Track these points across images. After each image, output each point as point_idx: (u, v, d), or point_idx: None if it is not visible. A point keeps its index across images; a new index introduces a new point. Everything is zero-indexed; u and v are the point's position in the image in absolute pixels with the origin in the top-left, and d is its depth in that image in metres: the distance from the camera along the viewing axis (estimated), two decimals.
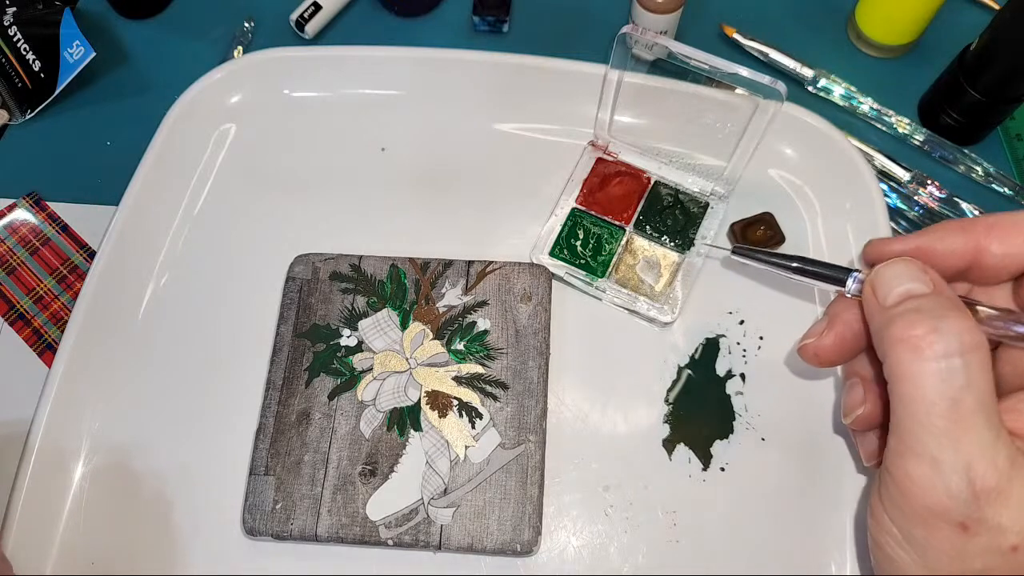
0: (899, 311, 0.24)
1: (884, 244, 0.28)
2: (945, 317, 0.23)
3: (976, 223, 0.26)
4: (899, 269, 0.25)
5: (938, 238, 0.26)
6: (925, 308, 0.24)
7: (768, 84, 0.37)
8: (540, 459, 0.38)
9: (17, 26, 0.52)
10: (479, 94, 0.48)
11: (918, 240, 0.27)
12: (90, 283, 0.42)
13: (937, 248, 0.26)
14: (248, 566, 0.38)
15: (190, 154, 0.48)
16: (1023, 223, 0.25)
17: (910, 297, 0.24)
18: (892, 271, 0.26)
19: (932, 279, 0.25)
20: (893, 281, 0.25)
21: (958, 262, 0.26)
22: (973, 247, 0.26)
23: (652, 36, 0.39)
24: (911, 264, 0.26)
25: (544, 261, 0.44)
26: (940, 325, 0.23)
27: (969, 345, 0.23)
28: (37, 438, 0.39)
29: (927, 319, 0.23)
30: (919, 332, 0.23)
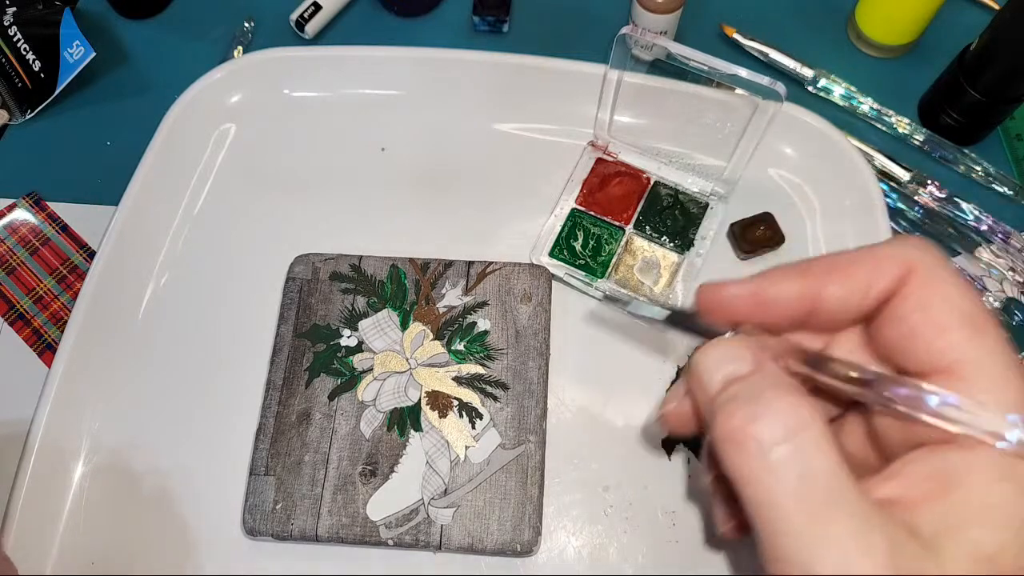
0: (721, 399, 0.22)
1: (717, 290, 0.25)
2: (761, 399, 0.21)
3: (813, 265, 0.23)
4: (717, 353, 0.23)
5: (773, 283, 0.24)
6: (742, 393, 0.21)
7: (767, 85, 0.37)
8: (540, 459, 0.38)
9: (17, 26, 0.52)
10: (479, 94, 0.48)
11: (752, 286, 0.24)
12: (90, 283, 0.42)
13: (771, 294, 0.24)
14: (248, 566, 0.38)
15: (190, 154, 0.48)
16: (862, 261, 0.22)
17: (731, 381, 0.22)
18: (710, 357, 0.23)
19: (753, 354, 0.23)
20: (712, 367, 0.23)
21: (796, 309, 0.24)
22: (811, 292, 0.23)
23: (652, 36, 0.39)
24: (729, 344, 0.23)
25: (544, 261, 0.44)
26: (758, 411, 0.20)
27: (794, 426, 0.20)
28: (37, 438, 0.39)
29: (744, 406, 0.21)
30: (737, 424, 0.20)
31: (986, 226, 0.46)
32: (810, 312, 0.24)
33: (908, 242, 0.22)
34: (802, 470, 0.19)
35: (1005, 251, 0.45)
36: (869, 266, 0.22)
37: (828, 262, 0.23)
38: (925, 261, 0.22)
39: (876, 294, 0.22)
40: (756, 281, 0.24)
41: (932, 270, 0.21)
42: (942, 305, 0.21)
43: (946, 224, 0.47)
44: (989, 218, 0.46)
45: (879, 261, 0.22)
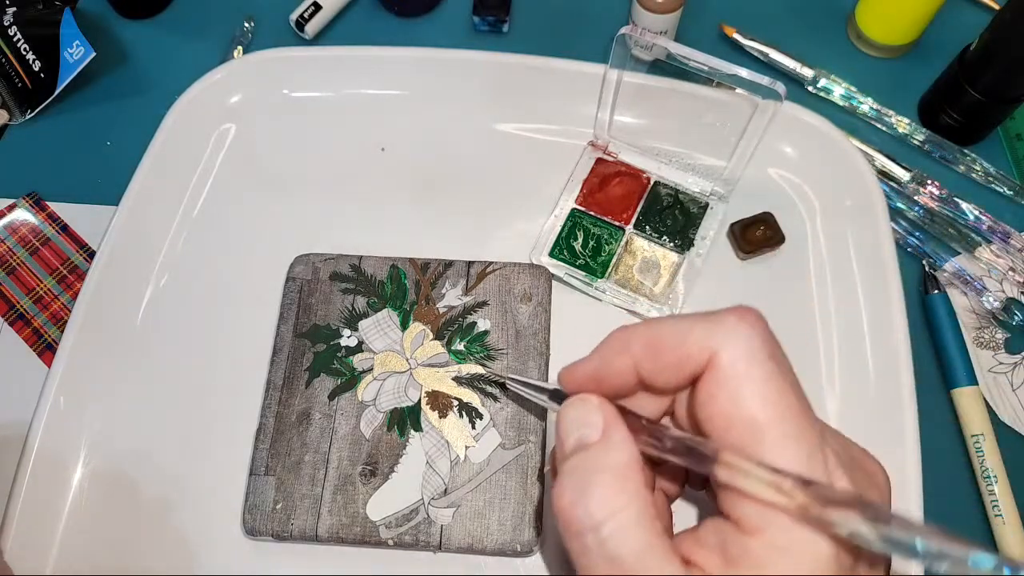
0: (566, 469, 0.23)
1: (570, 372, 0.26)
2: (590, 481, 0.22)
3: (633, 337, 0.24)
4: (573, 414, 0.24)
5: (607, 361, 0.25)
6: (577, 469, 0.23)
7: (767, 85, 0.37)
8: (540, 459, 0.38)
9: (17, 26, 0.52)
10: (479, 94, 0.48)
11: (593, 363, 0.25)
12: (90, 283, 0.42)
13: (605, 372, 0.25)
14: (248, 566, 0.38)
15: (190, 154, 0.48)
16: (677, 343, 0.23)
17: (579, 447, 0.23)
18: (568, 417, 0.24)
19: (604, 420, 0.24)
20: (568, 427, 0.24)
21: (628, 382, 0.25)
22: (633, 367, 0.24)
23: (651, 36, 0.39)
24: (583, 405, 0.24)
25: (544, 262, 0.44)
26: (582, 493, 0.22)
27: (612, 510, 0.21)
28: (37, 438, 0.39)
29: (572, 486, 0.22)
30: (564, 504, 0.22)
31: (986, 226, 0.46)
32: (640, 382, 0.25)
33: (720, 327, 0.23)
34: (611, 554, 0.21)
35: (1005, 251, 0.45)
36: (681, 348, 0.23)
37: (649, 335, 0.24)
38: (727, 350, 0.22)
39: (686, 374, 0.23)
40: (594, 358, 0.26)
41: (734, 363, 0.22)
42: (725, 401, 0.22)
43: (946, 224, 0.47)
44: (989, 218, 0.46)
45: (691, 342, 0.23)
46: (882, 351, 0.40)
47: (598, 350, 0.26)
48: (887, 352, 0.40)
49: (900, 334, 0.39)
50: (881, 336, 0.40)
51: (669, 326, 0.24)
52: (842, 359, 0.41)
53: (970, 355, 0.43)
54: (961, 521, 0.40)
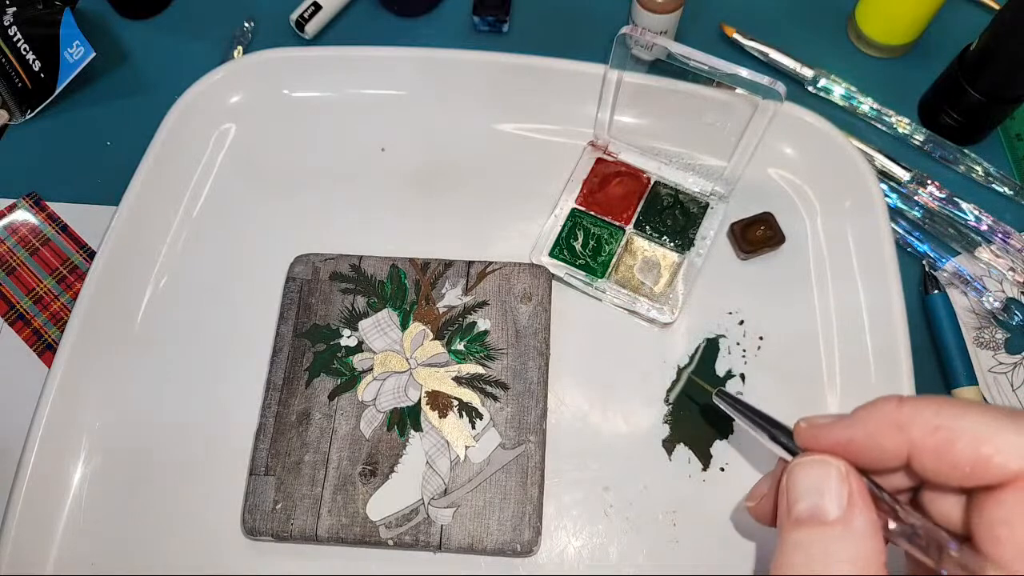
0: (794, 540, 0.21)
1: (815, 432, 0.23)
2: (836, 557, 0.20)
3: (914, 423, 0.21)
4: (813, 478, 0.22)
5: (871, 436, 0.22)
6: (810, 549, 0.20)
7: (767, 84, 0.37)
8: (540, 459, 0.38)
9: (17, 26, 0.52)
10: (479, 94, 0.48)
11: (848, 432, 0.22)
12: (90, 283, 0.42)
13: (865, 448, 0.22)
14: (248, 566, 0.38)
15: (190, 154, 0.48)
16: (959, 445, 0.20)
17: (816, 518, 0.21)
18: (806, 478, 0.22)
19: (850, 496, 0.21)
20: (804, 491, 0.22)
21: (889, 464, 0.22)
22: (906, 452, 0.21)
23: (651, 36, 0.39)
24: (828, 471, 0.22)
25: (544, 261, 0.44)
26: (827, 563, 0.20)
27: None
28: (37, 438, 0.39)
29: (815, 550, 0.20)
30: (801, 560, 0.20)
31: (986, 226, 0.46)
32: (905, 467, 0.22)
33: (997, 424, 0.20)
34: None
35: (1005, 251, 0.45)
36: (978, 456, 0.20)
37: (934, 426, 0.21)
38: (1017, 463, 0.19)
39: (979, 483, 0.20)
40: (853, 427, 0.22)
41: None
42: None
43: (946, 224, 0.47)
44: (989, 218, 0.46)
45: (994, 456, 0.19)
46: (882, 351, 0.40)
47: (861, 419, 0.22)
48: (887, 352, 0.40)
49: (900, 334, 0.39)
50: (881, 336, 0.40)
51: (970, 423, 0.20)
52: (842, 359, 0.41)
53: (970, 355, 0.43)
54: None
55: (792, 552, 0.21)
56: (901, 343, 0.39)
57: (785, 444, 0.26)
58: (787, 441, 0.26)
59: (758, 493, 0.28)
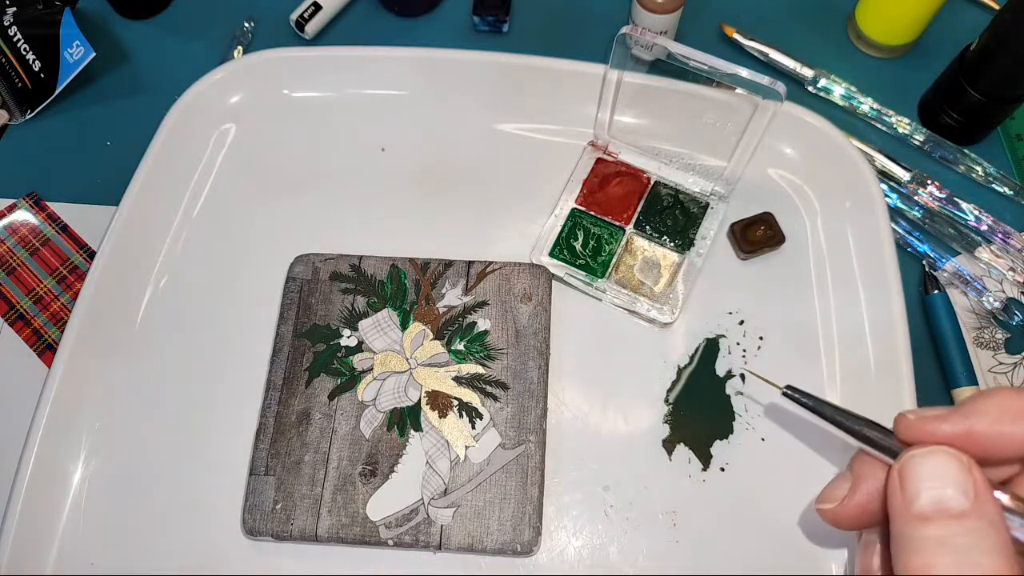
0: (923, 535, 0.20)
1: (924, 425, 0.23)
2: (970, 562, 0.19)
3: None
4: (936, 468, 0.21)
5: (991, 424, 0.21)
6: (954, 544, 0.19)
7: (767, 84, 0.37)
8: (540, 459, 0.38)
9: (17, 26, 0.52)
10: (479, 94, 0.48)
11: (967, 423, 0.22)
12: (90, 283, 0.42)
13: (989, 436, 0.21)
14: (248, 566, 0.38)
15: (190, 154, 0.48)
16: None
17: (942, 511, 0.20)
18: (927, 468, 0.21)
19: (975, 486, 0.20)
20: (926, 482, 0.21)
21: (1015, 454, 0.22)
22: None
23: (651, 36, 0.39)
24: (951, 461, 0.21)
25: (544, 261, 0.44)
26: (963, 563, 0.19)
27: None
28: (37, 438, 0.39)
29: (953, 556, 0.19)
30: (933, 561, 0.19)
31: (986, 226, 0.46)
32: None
33: None
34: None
35: (1005, 251, 0.45)
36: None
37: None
38: None
39: None
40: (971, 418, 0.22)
41: None
42: None
43: (946, 224, 0.47)
44: (989, 218, 0.46)
45: None
46: (882, 351, 0.40)
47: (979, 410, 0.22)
48: (887, 352, 0.40)
49: (900, 334, 0.39)
50: (881, 336, 0.40)
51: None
52: (842, 359, 0.41)
53: (970, 355, 0.43)
54: None
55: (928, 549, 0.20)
56: (901, 343, 0.39)
57: (878, 441, 0.25)
58: (880, 437, 0.25)
59: (837, 495, 0.26)
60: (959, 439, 0.22)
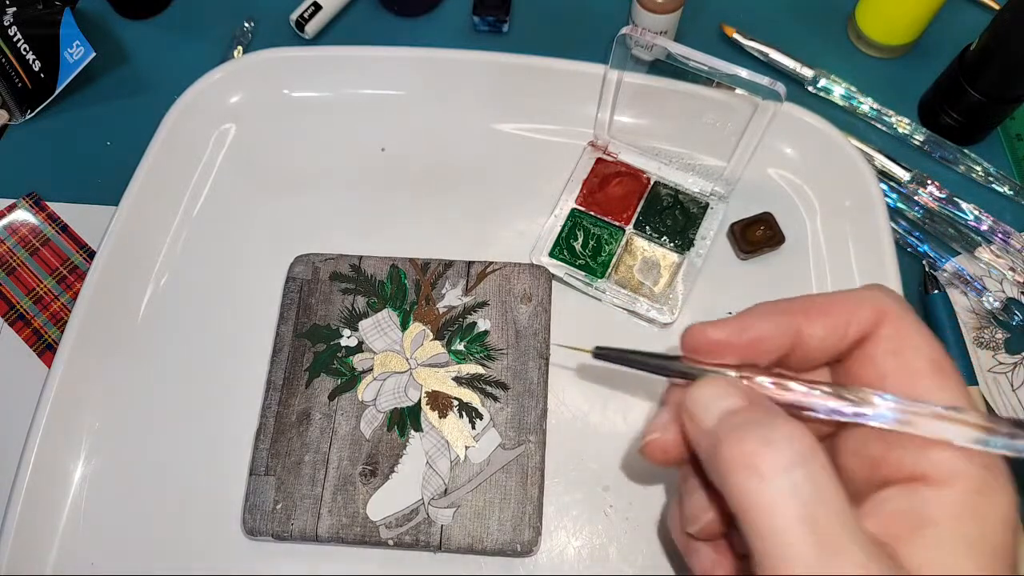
0: (724, 428, 0.22)
1: (702, 332, 0.25)
2: (772, 426, 0.21)
3: (793, 305, 0.24)
4: (711, 389, 0.24)
5: (756, 321, 0.24)
6: (751, 419, 0.22)
7: (767, 85, 0.37)
8: (540, 459, 0.38)
9: (17, 26, 0.52)
10: (479, 94, 0.48)
11: (736, 324, 0.25)
12: (90, 283, 0.42)
13: (759, 333, 0.24)
14: (248, 566, 0.38)
15: (190, 154, 0.48)
16: (840, 303, 0.24)
17: (731, 413, 0.23)
18: (705, 392, 0.24)
19: (745, 393, 0.23)
20: (709, 403, 0.23)
21: (778, 347, 0.24)
22: (793, 331, 0.24)
23: (651, 37, 0.39)
24: (720, 382, 0.24)
25: (544, 262, 0.44)
26: (771, 435, 0.20)
27: (807, 450, 0.20)
28: (37, 438, 0.39)
29: (755, 431, 0.21)
30: (751, 448, 0.20)
31: (986, 226, 0.46)
32: (791, 350, 0.25)
33: (879, 289, 0.24)
34: (814, 494, 0.19)
35: (1005, 251, 0.45)
36: (847, 308, 0.24)
37: (807, 302, 0.25)
38: (896, 308, 0.23)
39: (853, 335, 0.24)
40: (739, 321, 0.25)
41: (902, 317, 0.23)
42: (913, 352, 0.22)
43: (946, 224, 0.47)
44: (989, 218, 0.46)
45: (856, 304, 0.23)
46: None
47: (742, 314, 0.25)
48: None
49: None
50: None
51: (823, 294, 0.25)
52: None
53: (970, 355, 0.43)
54: None
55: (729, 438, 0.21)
56: None
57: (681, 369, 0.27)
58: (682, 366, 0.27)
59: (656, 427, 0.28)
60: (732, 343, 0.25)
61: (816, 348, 0.24)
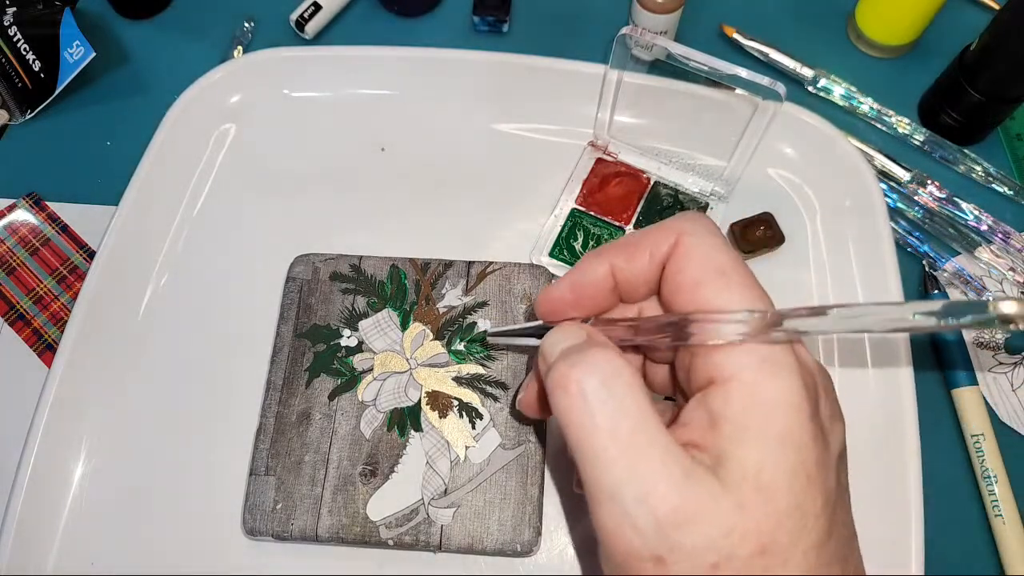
0: (556, 360, 0.25)
1: (546, 294, 0.29)
2: (584, 352, 0.24)
3: (608, 248, 0.27)
4: (558, 334, 0.27)
5: (581, 272, 0.28)
6: (574, 350, 0.25)
7: (767, 85, 0.37)
8: (540, 459, 0.38)
9: (17, 26, 0.52)
10: (479, 94, 0.48)
11: (569, 278, 0.28)
12: (90, 283, 0.42)
13: (583, 280, 0.28)
14: (248, 566, 0.38)
15: (190, 154, 0.48)
16: (644, 236, 0.26)
17: (566, 349, 0.25)
18: (553, 336, 0.27)
19: (587, 332, 0.26)
20: (554, 344, 0.26)
21: (604, 286, 0.27)
22: (609, 270, 0.27)
23: (651, 37, 0.39)
24: (568, 326, 0.27)
25: (544, 262, 0.44)
26: (578, 359, 0.24)
27: (609, 372, 0.23)
28: (37, 438, 0.39)
29: (571, 357, 0.24)
30: (562, 371, 0.24)
31: (986, 226, 0.46)
32: (614, 287, 0.28)
33: (682, 216, 0.27)
34: (615, 408, 0.22)
35: (1005, 251, 0.45)
36: (650, 240, 0.26)
37: (620, 242, 0.27)
38: (690, 229, 0.25)
39: (657, 261, 0.26)
40: (567, 275, 0.28)
41: (693, 236, 0.25)
42: (695, 264, 0.25)
43: (946, 224, 0.47)
44: (989, 218, 0.46)
45: (657, 234, 0.26)
46: (882, 351, 0.40)
47: (574, 267, 0.28)
48: (887, 352, 0.40)
49: (900, 334, 0.39)
50: (881, 336, 0.40)
51: (636, 231, 0.28)
52: (841, 359, 0.41)
53: (970, 355, 0.43)
54: (961, 521, 0.40)
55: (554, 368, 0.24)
56: (901, 343, 0.39)
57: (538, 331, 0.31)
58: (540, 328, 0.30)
59: (524, 387, 0.32)
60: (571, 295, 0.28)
61: (633, 280, 0.27)
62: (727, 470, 0.21)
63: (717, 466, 0.22)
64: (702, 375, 0.23)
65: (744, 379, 0.22)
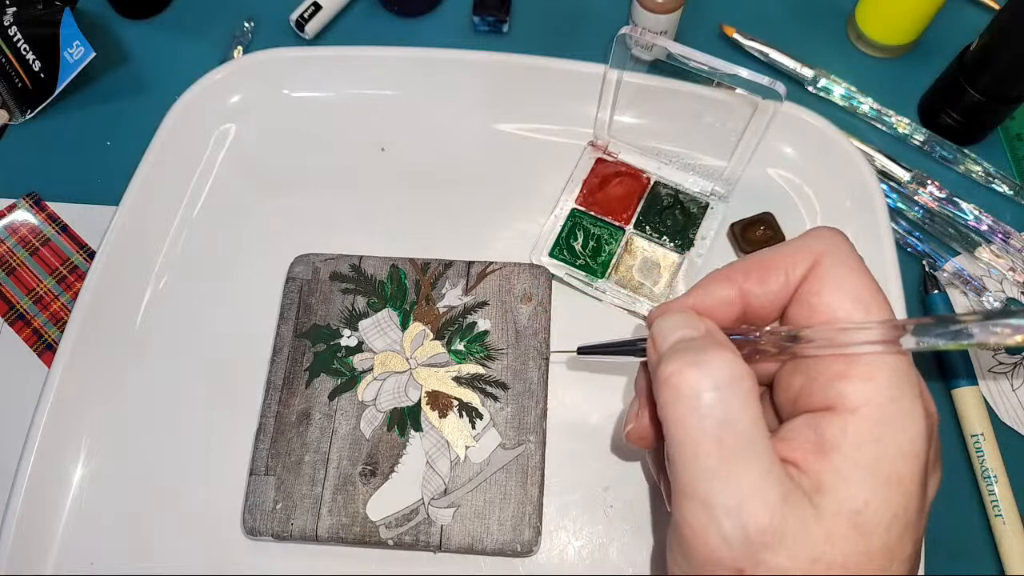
0: (668, 351, 0.24)
1: (662, 309, 0.28)
2: (705, 351, 0.23)
3: (735, 270, 0.26)
4: (673, 319, 0.26)
5: (706, 292, 0.27)
6: (690, 347, 0.24)
7: (767, 85, 0.37)
8: (540, 459, 0.38)
9: (17, 26, 0.52)
10: (479, 94, 0.48)
11: (690, 299, 0.27)
12: (90, 283, 0.42)
13: (708, 302, 0.26)
14: (248, 566, 0.38)
15: (190, 154, 0.48)
16: (779, 257, 0.25)
17: (681, 340, 0.24)
18: (666, 321, 0.26)
19: (706, 325, 0.25)
20: (667, 330, 0.25)
21: (731, 311, 0.26)
22: (738, 293, 0.26)
23: (651, 37, 0.39)
24: (684, 313, 0.26)
25: (544, 262, 0.44)
26: (698, 359, 0.23)
27: (726, 378, 0.22)
28: (37, 438, 0.39)
29: (685, 355, 0.23)
30: (675, 368, 0.23)
31: (986, 226, 0.46)
32: (743, 311, 0.26)
33: (819, 234, 0.26)
34: (724, 416, 0.22)
35: (1005, 251, 0.45)
36: (786, 260, 0.25)
37: (750, 262, 0.26)
38: (829, 251, 0.25)
39: (793, 284, 0.25)
40: (692, 294, 0.27)
41: (833, 258, 0.24)
42: (832, 289, 0.24)
43: (946, 224, 0.47)
44: (989, 218, 0.46)
45: (792, 254, 0.25)
46: None
47: (695, 288, 0.27)
48: None
49: None
50: None
51: (768, 249, 0.26)
52: None
53: (970, 355, 0.43)
54: (961, 521, 0.40)
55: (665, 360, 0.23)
56: None
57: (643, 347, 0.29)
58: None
59: (631, 418, 0.30)
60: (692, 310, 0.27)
61: (765, 304, 0.26)
62: (825, 499, 0.21)
63: (815, 492, 0.22)
64: (818, 399, 0.23)
65: (867, 415, 0.22)
